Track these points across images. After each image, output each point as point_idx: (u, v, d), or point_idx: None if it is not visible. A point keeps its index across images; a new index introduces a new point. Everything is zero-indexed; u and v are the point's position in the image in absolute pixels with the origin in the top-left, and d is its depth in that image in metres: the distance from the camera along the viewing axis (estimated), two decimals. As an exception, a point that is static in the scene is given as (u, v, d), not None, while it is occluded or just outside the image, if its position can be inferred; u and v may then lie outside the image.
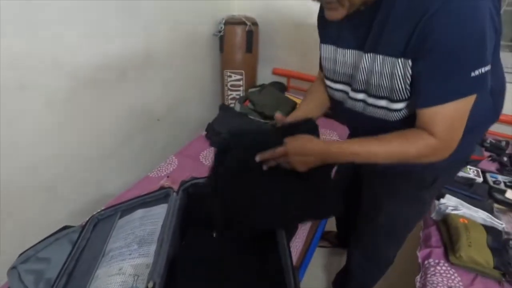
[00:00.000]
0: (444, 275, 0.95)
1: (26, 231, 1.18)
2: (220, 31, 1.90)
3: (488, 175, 1.33)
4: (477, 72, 0.55)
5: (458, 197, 1.17)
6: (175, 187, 1.22)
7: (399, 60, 0.61)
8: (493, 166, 1.48)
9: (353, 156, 0.67)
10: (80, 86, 1.26)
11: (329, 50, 0.78)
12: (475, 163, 1.42)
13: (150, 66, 1.57)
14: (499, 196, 1.21)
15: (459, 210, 1.08)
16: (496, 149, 1.55)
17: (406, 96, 0.64)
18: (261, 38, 2.05)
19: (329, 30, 0.76)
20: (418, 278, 1.00)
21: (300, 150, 0.69)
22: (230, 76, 2.01)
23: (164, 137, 1.81)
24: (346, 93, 0.76)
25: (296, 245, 1.07)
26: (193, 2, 1.72)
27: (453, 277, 0.95)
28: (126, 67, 1.44)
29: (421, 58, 0.58)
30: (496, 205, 1.19)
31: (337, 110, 0.85)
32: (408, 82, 0.62)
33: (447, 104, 0.58)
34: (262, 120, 1.68)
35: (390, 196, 0.90)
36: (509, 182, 1.30)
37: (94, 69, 1.29)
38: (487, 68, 0.56)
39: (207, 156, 1.46)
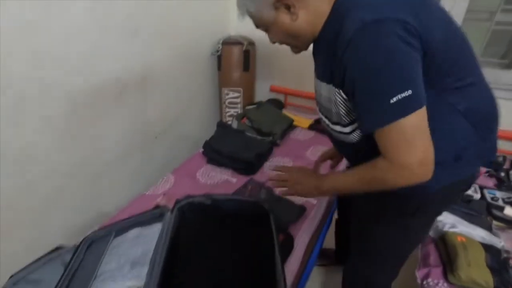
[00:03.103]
0: (443, 295, 0.93)
1: (18, 252, 1.17)
2: (218, 51, 1.95)
3: (486, 192, 1.32)
4: (395, 99, 0.57)
5: (455, 214, 1.16)
6: (171, 205, 1.22)
7: (333, 88, 0.69)
8: (490, 182, 1.47)
9: (337, 191, 0.84)
10: (78, 106, 1.28)
11: (315, 81, 0.86)
12: (472, 179, 1.42)
13: (149, 85, 1.60)
14: (497, 213, 1.20)
15: (457, 228, 1.07)
16: (494, 164, 1.55)
17: (350, 120, 0.70)
18: (258, 57, 2.10)
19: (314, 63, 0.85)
20: (417, 298, 0.98)
21: (300, 181, 0.88)
22: (228, 94, 2.04)
23: (161, 154, 1.82)
24: (322, 120, 0.84)
25: (292, 264, 1.05)
26: (191, 23, 1.78)
27: (452, 297, 0.93)
28: (125, 87, 1.47)
29: (346, 89, 0.65)
30: (494, 222, 1.18)
31: None
32: (347, 107, 0.68)
33: (381, 129, 0.61)
34: (259, 137, 1.69)
35: (374, 220, 0.89)
36: (507, 198, 1.29)
37: (92, 90, 1.32)
38: (409, 92, 0.57)
39: (204, 173, 1.47)
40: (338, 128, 0.74)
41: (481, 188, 1.35)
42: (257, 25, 0.78)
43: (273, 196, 1.30)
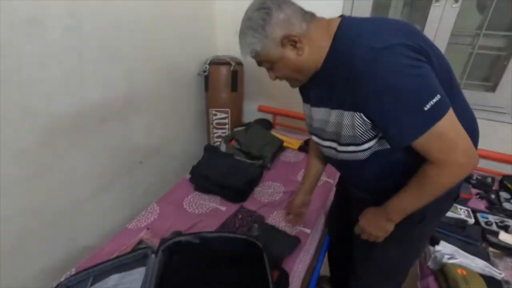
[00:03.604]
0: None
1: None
2: (205, 71, 1.91)
3: (479, 216, 1.31)
4: (428, 106, 0.61)
5: (452, 242, 1.13)
6: (156, 240, 1.14)
7: (346, 112, 0.71)
8: (481, 204, 1.46)
9: (404, 214, 0.79)
10: (55, 135, 1.19)
11: (306, 108, 0.90)
12: (464, 202, 1.41)
13: (133, 109, 1.53)
14: (493, 239, 1.18)
15: (456, 258, 1.03)
16: (483, 186, 1.55)
17: (366, 139, 0.73)
18: (246, 76, 2.07)
19: (304, 91, 0.89)
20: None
21: (369, 222, 0.88)
22: (216, 115, 1.99)
23: (146, 181, 1.72)
24: (321, 144, 0.87)
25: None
26: (177, 43, 1.73)
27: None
28: (107, 112, 1.39)
29: (370, 111, 0.67)
30: (491, 249, 1.16)
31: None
32: (366, 127, 0.70)
33: (422, 138, 0.63)
34: (248, 161, 1.63)
35: None
36: (500, 222, 1.28)
37: (71, 117, 1.23)
38: (438, 96, 0.61)
39: (191, 202, 1.39)
40: (351, 148, 0.77)
41: (474, 211, 1.33)
42: (261, 63, 0.79)
43: (266, 226, 1.24)
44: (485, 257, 1.08)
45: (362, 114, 0.68)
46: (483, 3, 1.60)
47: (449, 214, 1.29)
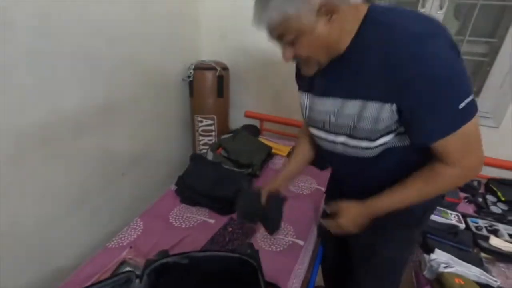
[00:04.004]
0: None
1: None
2: (189, 77, 1.84)
3: (469, 220, 1.31)
4: (463, 104, 0.59)
5: (445, 249, 1.12)
6: (140, 260, 1.05)
7: (372, 103, 0.66)
8: (470, 208, 1.48)
9: (390, 208, 0.76)
10: (25, 148, 1.09)
11: (306, 98, 0.83)
12: (453, 207, 1.41)
13: (113, 117, 1.44)
14: (484, 244, 1.19)
15: (452, 267, 1.02)
16: (470, 189, 1.57)
17: (381, 134, 0.69)
18: (232, 82, 2.02)
19: (305, 79, 0.81)
20: None
21: (352, 222, 0.82)
22: (201, 121, 1.92)
23: (128, 193, 1.63)
24: (324, 138, 0.81)
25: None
26: (159, 48, 1.66)
27: None
28: (85, 121, 1.29)
29: (410, 102, 0.62)
30: (483, 255, 1.16)
31: (321, 152, 0.92)
32: (392, 120, 0.66)
33: (452, 134, 0.62)
34: (237, 170, 1.57)
35: (381, 235, 0.91)
36: (490, 226, 1.29)
37: (44, 127, 1.13)
38: (472, 96, 0.61)
39: (178, 215, 1.31)
40: (364, 143, 0.72)
41: (464, 216, 1.34)
42: (281, 35, 0.66)
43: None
44: (479, 264, 1.08)
45: (394, 105, 0.63)
46: (459, 11, 1.63)
47: (440, 219, 1.29)
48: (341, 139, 0.76)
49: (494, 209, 1.44)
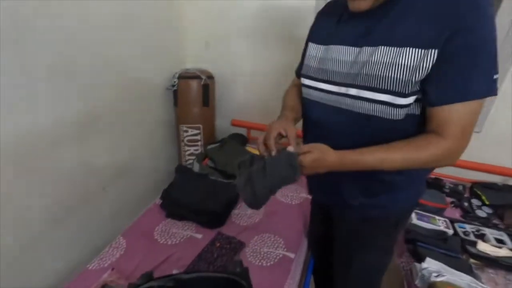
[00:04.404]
0: None
1: None
2: (173, 85, 1.79)
3: (457, 226, 1.32)
4: (495, 76, 0.59)
5: (435, 257, 1.11)
6: (123, 283, 0.99)
7: (419, 51, 0.61)
8: (456, 212, 1.49)
9: (367, 164, 0.68)
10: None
11: (317, 48, 0.80)
12: (441, 212, 1.42)
13: (91, 129, 1.37)
14: (472, 250, 1.19)
15: (443, 275, 1.01)
16: (456, 194, 1.59)
17: (416, 89, 0.64)
18: (218, 90, 1.98)
19: (324, 29, 0.80)
20: None
21: (316, 164, 0.69)
22: (187, 131, 1.87)
23: (110, 209, 1.55)
24: (329, 90, 0.76)
25: None
26: (141, 56, 1.61)
27: None
28: (59, 135, 1.22)
29: (450, 52, 0.59)
30: (472, 261, 1.16)
31: (309, 122, 0.87)
32: (427, 72, 0.62)
33: (465, 103, 0.60)
34: (225, 180, 1.53)
35: (358, 243, 0.92)
36: (476, 231, 1.30)
37: (14, 143, 1.06)
38: (497, 75, 0.60)
39: (163, 231, 1.25)
40: (387, 97, 0.65)
41: (452, 221, 1.35)
42: None
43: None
44: (469, 270, 1.08)
45: (436, 52, 0.60)
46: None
47: (429, 226, 1.29)
48: (352, 91, 0.70)
49: (479, 213, 1.46)
